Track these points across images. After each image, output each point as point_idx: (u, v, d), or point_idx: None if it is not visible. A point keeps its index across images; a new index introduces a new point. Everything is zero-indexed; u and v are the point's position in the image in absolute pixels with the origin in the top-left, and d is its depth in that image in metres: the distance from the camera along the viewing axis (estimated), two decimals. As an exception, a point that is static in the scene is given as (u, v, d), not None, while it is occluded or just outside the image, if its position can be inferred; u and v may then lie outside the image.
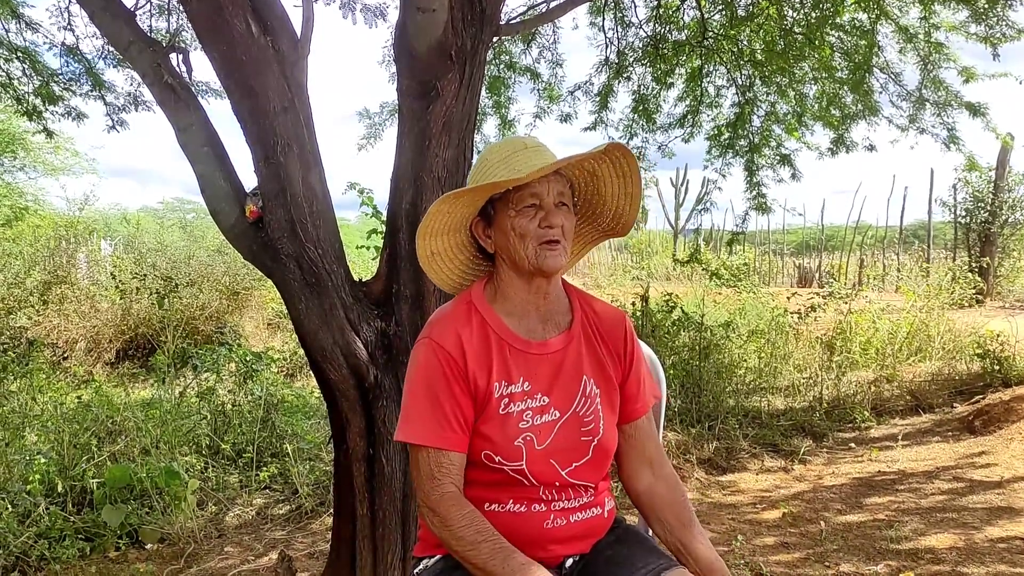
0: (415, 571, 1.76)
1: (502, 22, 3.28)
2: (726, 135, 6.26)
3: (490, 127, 6.72)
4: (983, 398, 6.01)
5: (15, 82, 4.90)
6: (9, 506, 3.63)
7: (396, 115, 3.05)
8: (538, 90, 6.47)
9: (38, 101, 4.88)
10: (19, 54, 4.82)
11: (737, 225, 6.61)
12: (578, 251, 1.93)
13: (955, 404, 6.22)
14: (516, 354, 1.70)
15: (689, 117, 6.41)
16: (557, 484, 1.68)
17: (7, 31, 4.77)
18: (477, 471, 1.68)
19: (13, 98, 4.91)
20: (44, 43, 4.93)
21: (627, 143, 6.54)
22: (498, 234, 1.72)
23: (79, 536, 3.80)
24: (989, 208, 13.65)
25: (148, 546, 3.92)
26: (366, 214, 4.62)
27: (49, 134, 5.10)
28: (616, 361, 1.81)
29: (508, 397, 1.67)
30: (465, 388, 1.66)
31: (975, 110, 5.47)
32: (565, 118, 6.57)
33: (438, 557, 1.72)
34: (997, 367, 6.40)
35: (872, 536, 3.73)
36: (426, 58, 2.66)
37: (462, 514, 1.57)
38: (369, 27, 4.50)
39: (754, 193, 6.14)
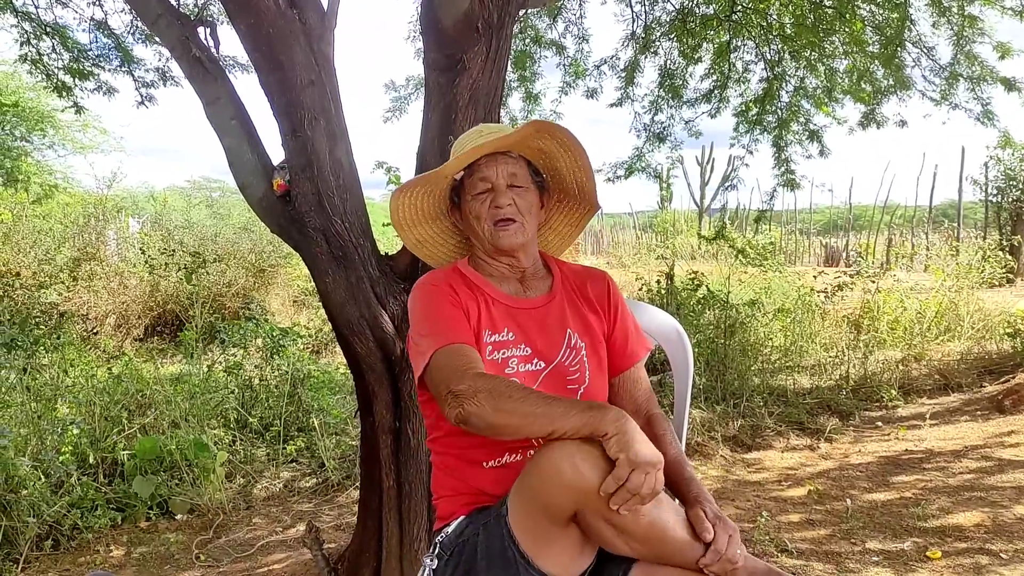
0: (436, 540, 1.77)
1: (529, -6, 3.25)
2: (754, 111, 6.19)
3: (515, 101, 6.70)
4: (1013, 377, 5.94)
5: (44, 58, 4.92)
6: (42, 476, 3.70)
7: (422, 89, 3.04)
8: (564, 65, 6.42)
9: (68, 78, 4.91)
10: (48, 30, 4.85)
11: (765, 202, 6.54)
12: (573, 226, 2.04)
13: (984, 384, 6.14)
14: (499, 307, 1.80)
15: (716, 92, 6.33)
16: None
17: (36, 7, 4.80)
18: (472, 435, 1.69)
19: (43, 74, 4.94)
20: (74, 19, 4.96)
21: (652, 119, 6.49)
22: (463, 219, 1.87)
23: (110, 506, 3.87)
24: (1021, 186, 13.41)
25: (178, 517, 3.98)
26: (392, 192, 4.62)
27: (79, 110, 5.13)
28: (601, 315, 1.90)
29: (492, 345, 1.75)
30: (462, 308, 1.74)
31: (1011, 85, 5.36)
32: (591, 94, 6.52)
33: (458, 520, 1.74)
34: (1028, 346, 6.32)
35: (899, 514, 3.71)
36: (453, 31, 2.65)
37: (497, 378, 1.56)
38: (395, -1, 4.46)
39: (783, 170, 6.06)
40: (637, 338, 1.93)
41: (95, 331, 8.39)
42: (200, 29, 2.89)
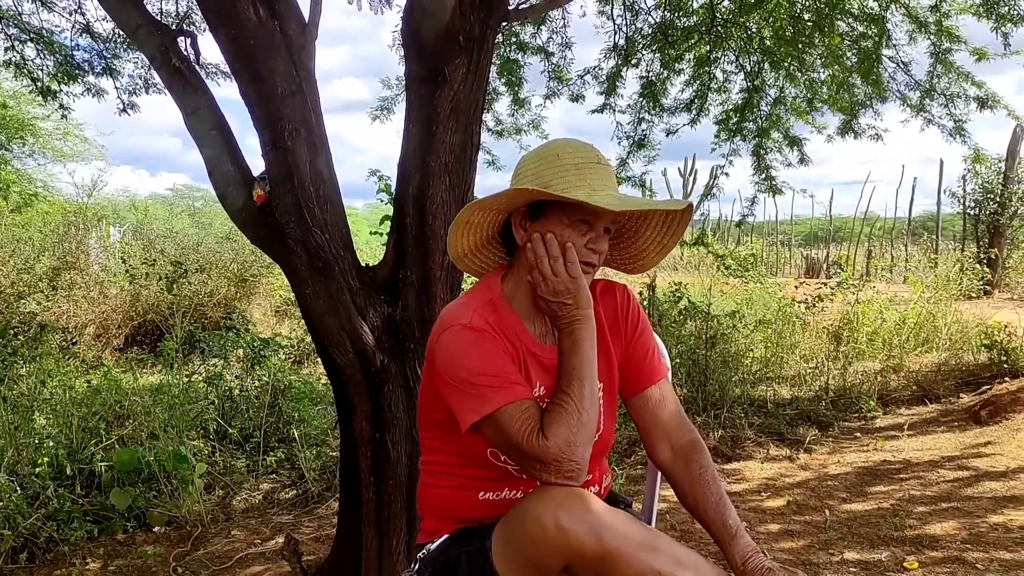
0: (419, 555, 1.76)
1: (510, 7, 3.26)
2: (734, 119, 6.25)
3: (502, 106, 6.75)
4: (990, 388, 6.00)
5: (29, 63, 4.92)
6: (18, 488, 3.66)
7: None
8: (548, 72, 6.46)
9: (53, 83, 4.92)
10: (33, 35, 4.85)
11: (746, 207, 6.62)
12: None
13: (961, 395, 6.20)
14: (533, 359, 1.69)
15: (697, 102, 6.38)
16: None
17: (20, 13, 4.79)
18: (479, 468, 1.69)
19: (30, 78, 4.94)
20: (57, 26, 4.97)
21: (635, 129, 6.54)
22: (530, 235, 1.65)
23: (87, 518, 3.84)
24: (998, 199, 13.58)
25: (156, 529, 3.95)
26: (381, 201, 4.62)
27: (64, 115, 5.14)
28: (618, 336, 1.81)
29: None
30: (508, 352, 1.63)
31: (984, 102, 5.42)
32: (575, 99, 6.56)
33: (442, 539, 1.73)
34: (1004, 358, 6.39)
35: (876, 524, 3.73)
36: (434, 43, 2.67)
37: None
38: (375, 12, 4.49)
39: (763, 176, 6.13)
40: (658, 356, 1.85)
41: (74, 341, 8.32)
42: (180, 39, 2.89)
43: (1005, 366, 6.33)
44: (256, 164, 2.81)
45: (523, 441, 1.49)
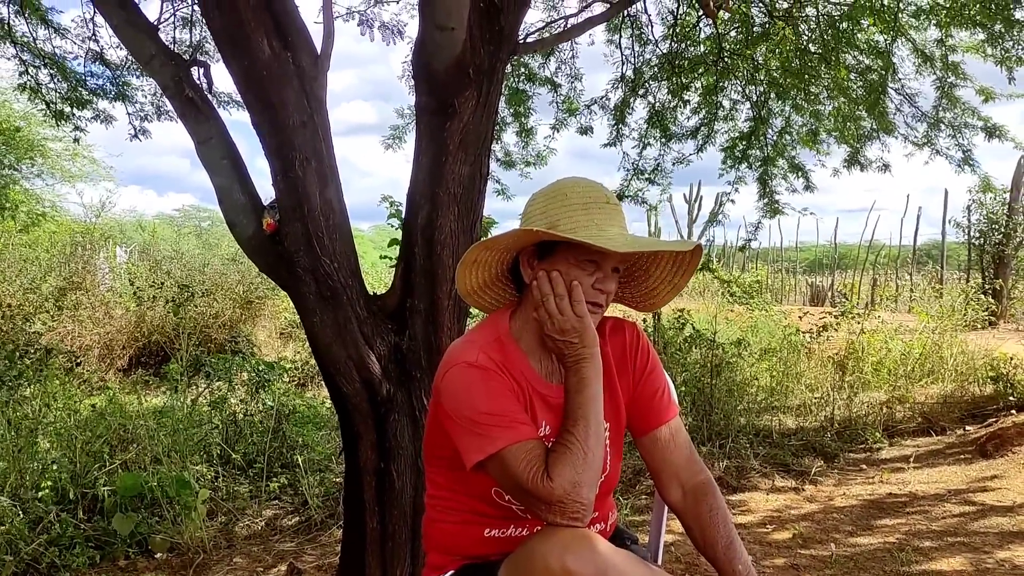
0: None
1: (520, 40, 3.30)
2: (740, 147, 6.30)
3: (509, 136, 6.80)
4: (996, 421, 5.97)
5: (43, 88, 4.98)
6: (21, 512, 3.65)
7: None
8: (556, 102, 6.51)
9: (65, 106, 4.97)
10: (46, 60, 4.91)
11: (749, 232, 6.66)
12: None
13: (967, 427, 6.17)
14: (539, 397, 1.69)
15: (703, 130, 6.43)
16: None
17: (34, 39, 4.85)
18: (484, 505, 1.69)
19: (44, 102, 5.00)
20: (70, 53, 5.03)
21: (640, 154, 6.59)
22: (546, 271, 1.65)
23: (89, 544, 3.82)
24: (1003, 230, 13.56)
25: (157, 555, 3.93)
26: (392, 226, 4.64)
27: (76, 139, 5.21)
28: (626, 375, 1.81)
29: None
30: (513, 390, 1.63)
31: (991, 132, 5.45)
32: (584, 131, 6.62)
33: (447, 575, 1.72)
34: (1010, 390, 6.36)
35: (882, 559, 3.71)
36: (444, 75, 2.69)
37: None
38: (387, 44, 4.54)
39: (766, 201, 6.16)
40: (668, 395, 1.84)
41: (79, 362, 8.32)
42: (193, 69, 2.92)
43: (1011, 399, 6.30)
44: (266, 187, 2.83)
45: (528, 481, 1.49)
